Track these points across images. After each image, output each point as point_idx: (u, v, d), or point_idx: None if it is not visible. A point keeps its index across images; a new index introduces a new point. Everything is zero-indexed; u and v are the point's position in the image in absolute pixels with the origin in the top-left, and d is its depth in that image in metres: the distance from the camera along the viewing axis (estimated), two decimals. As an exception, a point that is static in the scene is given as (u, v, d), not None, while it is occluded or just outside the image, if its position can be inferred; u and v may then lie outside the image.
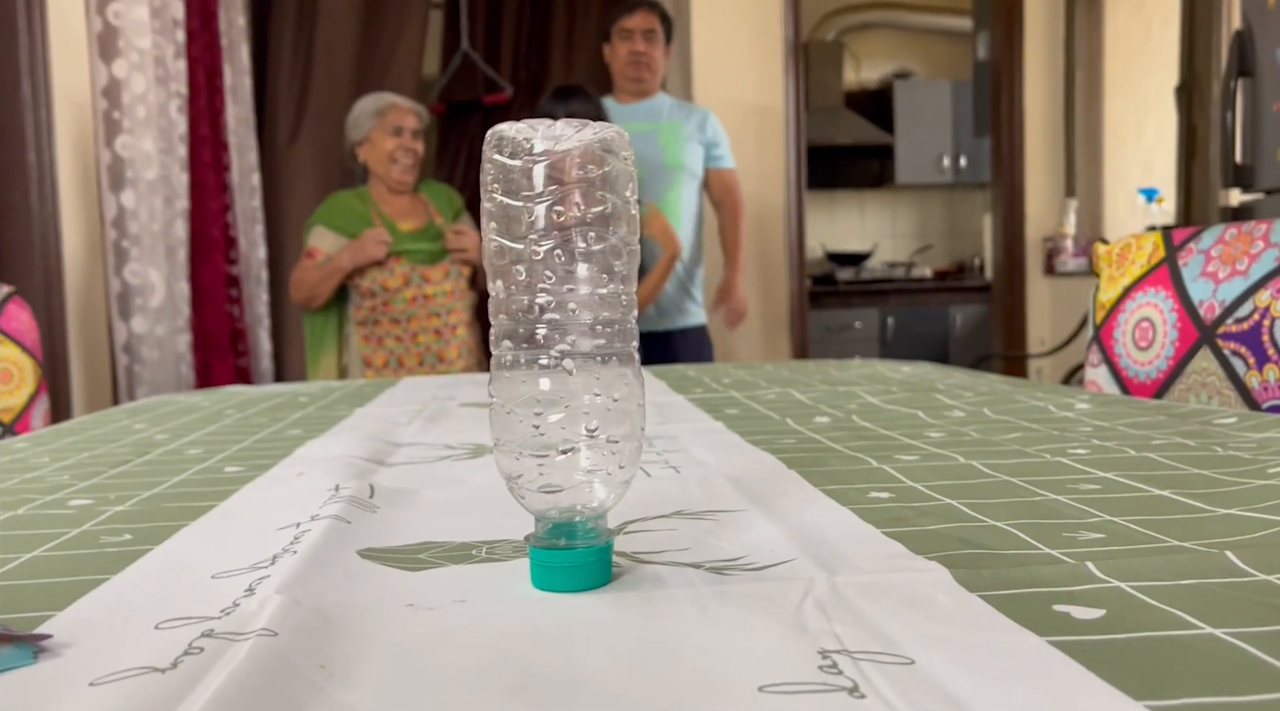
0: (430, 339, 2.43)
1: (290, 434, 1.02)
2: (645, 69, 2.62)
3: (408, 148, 2.47)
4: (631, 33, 2.60)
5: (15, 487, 0.76)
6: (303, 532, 0.59)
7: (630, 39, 2.60)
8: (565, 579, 0.48)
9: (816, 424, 0.98)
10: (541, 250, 0.47)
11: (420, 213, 2.51)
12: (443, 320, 2.45)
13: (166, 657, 0.39)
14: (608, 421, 0.48)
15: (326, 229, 2.42)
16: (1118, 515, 0.58)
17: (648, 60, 2.60)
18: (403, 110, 2.48)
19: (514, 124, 0.48)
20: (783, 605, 0.44)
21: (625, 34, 2.61)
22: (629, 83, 2.65)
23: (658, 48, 2.62)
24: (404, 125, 2.46)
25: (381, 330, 2.41)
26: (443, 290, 2.44)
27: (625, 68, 2.63)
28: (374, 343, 2.42)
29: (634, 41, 2.60)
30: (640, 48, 2.59)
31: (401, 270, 2.39)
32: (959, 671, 0.36)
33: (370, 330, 2.42)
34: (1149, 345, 1.30)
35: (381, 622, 0.44)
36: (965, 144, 5.07)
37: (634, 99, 2.67)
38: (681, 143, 2.63)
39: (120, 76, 2.50)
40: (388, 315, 2.40)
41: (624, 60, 2.63)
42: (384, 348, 2.42)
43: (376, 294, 2.39)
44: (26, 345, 1.58)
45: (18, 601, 0.48)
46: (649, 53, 2.60)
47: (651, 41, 2.61)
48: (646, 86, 2.66)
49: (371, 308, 2.40)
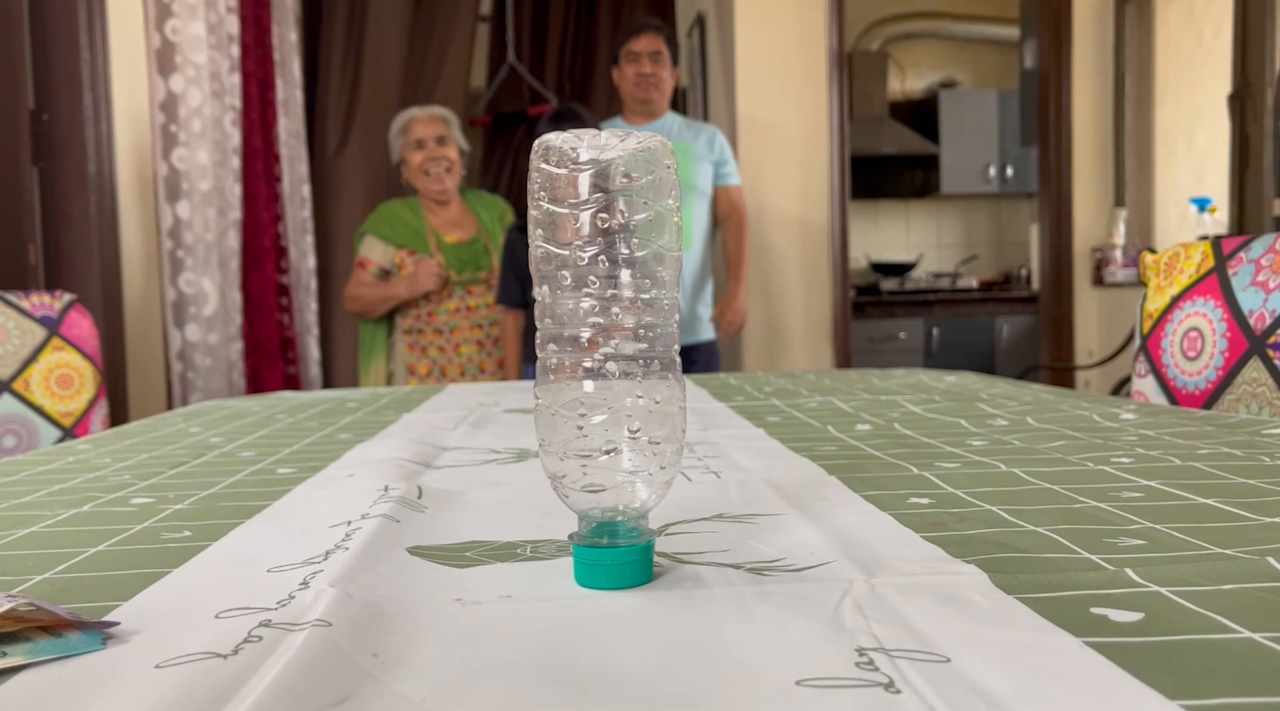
0: (472, 350, 2.47)
1: (340, 438, 1.05)
2: (653, 89, 2.70)
3: (435, 157, 2.49)
4: (638, 55, 2.68)
5: (80, 486, 0.79)
6: (354, 530, 0.61)
7: (637, 61, 2.68)
8: (608, 576, 0.49)
9: (858, 432, 0.99)
10: (586, 256, 0.49)
11: (468, 224, 2.54)
12: (485, 332, 2.48)
13: (227, 645, 0.41)
14: (650, 423, 0.49)
15: (377, 239, 2.47)
16: (1160, 522, 0.58)
17: (655, 81, 2.69)
18: (420, 121, 2.51)
19: (560, 133, 0.49)
20: (821, 604, 0.45)
21: (632, 57, 2.70)
22: (637, 104, 2.73)
23: (664, 68, 2.70)
24: (425, 136, 2.49)
25: (426, 339, 2.46)
26: (485, 302, 2.48)
27: (633, 89, 2.71)
28: (418, 351, 2.47)
29: (640, 64, 2.68)
30: (646, 69, 2.68)
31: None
32: (995, 669, 0.37)
33: (415, 339, 2.47)
34: (1198, 355, 1.29)
35: (430, 615, 0.45)
36: (1012, 153, 5.02)
37: (643, 119, 2.75)
38: (692, 162, 2.71)
39: (177, 91, 2.56)
40: (432, 325, 2.45)
41: (631, 82, 2.71)
42: (427, 356, 2.47)
43: (421, 304, 2.43)
44: (87, 351, 1.63)
45: (86, 592, 0.50)
46: (655, 73, 2.68)
47: (657, 63, 2.69)
48: (654, 107, 2.74)
49: (416, 317, 2.45)
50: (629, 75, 2.70)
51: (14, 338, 1.56)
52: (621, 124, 2.77)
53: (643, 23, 2.73)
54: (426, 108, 2.59)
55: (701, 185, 2.73)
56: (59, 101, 2.22)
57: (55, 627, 0.43)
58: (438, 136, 2.50)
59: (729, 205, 2.79)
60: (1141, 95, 3.84)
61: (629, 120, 2.77)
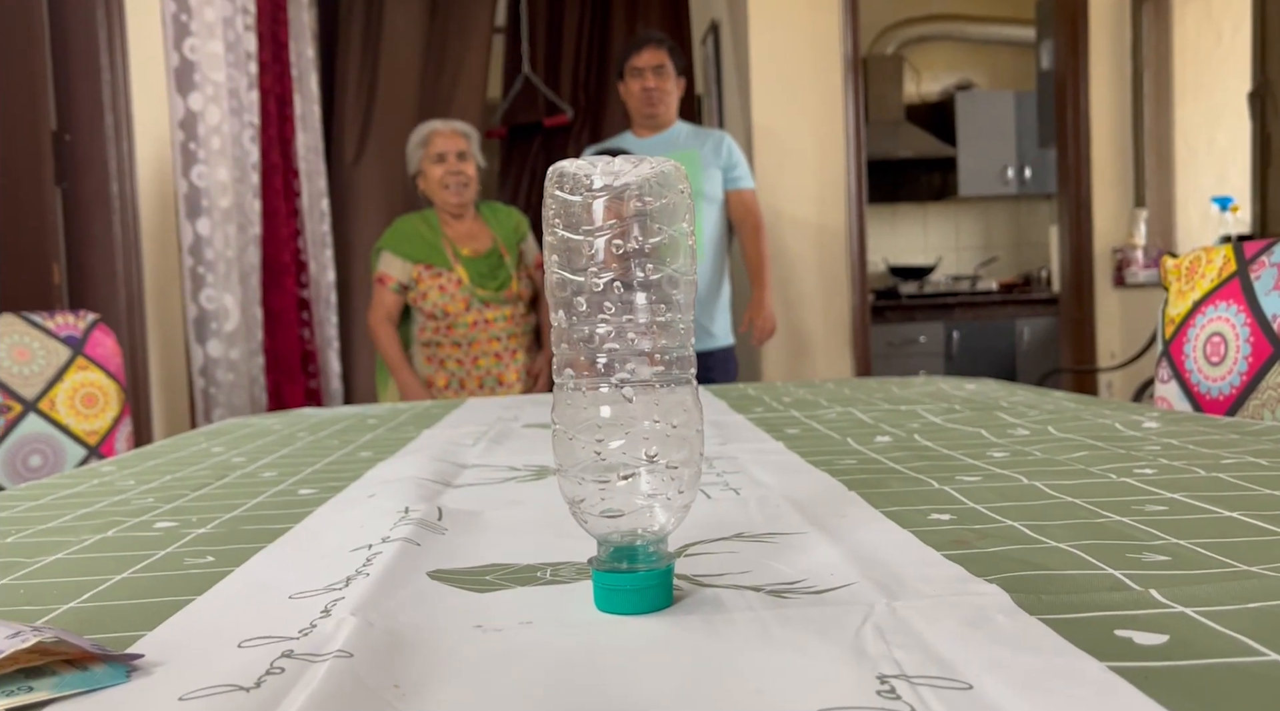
0: (490, 362, 2.48)
1: (360, 456, 1.05)
2: (658, 103, 2.75)
3: (454, 171, 2.50)
4: (641, 70, 2.73)
5: (104, 510, 0.80)
6: (374, 554, 0.61)
7: (641, 77, 2.73)
8: (627, 601, 0.49)
9: (878, 444, 0.98)
10: (601, 282, 0.49)
11: (483, 237, 2.55)
12: (503, 345, 2.49)
13: (250, 677, 0.41)
14: (667, 447, 0.49)
15: (394, 255, 2.48)
16: (1184, 538, 0.58)
17: (659, 95, 2.73)
18: (442, 135, 2.52)
19: (575, 161, 0.49)
20: (842, 628, 0.45)
21: (636, 72, 2.75)
22: (643, 118, 2.78)
23: (668, 80, 2.74)
24: (446, 150, 2.50)
25: (444, 352, 2.47)
26: (503, 315, 2.49)
27: (639, 104, 2.76)
28: (436, 364, 2.48)
29: (644, 78, 2.73)
30: (650, 83, 2.72)
31: (463, 295, 2.44)
32: (1018, 696, 0.36)
33: (433, 351, 2.48)
34: (1220, 360, 1.27)
35: (451, 643, 0.45)
36: (1029, 155, 4.99)
37: (650, 132, 2.80)
38: (699, 170, 2.74)
39: (196, 109, 2.59)
40: (450, 338, 2.46)
41: (637, 97, 2.76)
42: (445, 369, 2.48)
43: (439, 317, 2.44)
44: (111, 370, 1.65)
45: (111, 621, 0.51)
46: (660, 87, 2.73)
47: (661, 76, 2.73)
48: (661, 119, 2.79)
49: (435, 330, 2.46)
50: (634, 91, 2.75)
51: (39, 358, 1.58)
52: (630, 137, 2.82)
53: (644, 37, 2.77)
54: (448, 122, 2.60)
55: (710, 191, 2.76)
56: (80, 122, 2.25)
57: (80, 660, 0.43)
58: (458, 151, 2.52)
59: (743, 208, 2.81)
60: (1160, 94, 3.82)
61: (637, 133, 2.82)
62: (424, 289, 2.45)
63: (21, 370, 1.56)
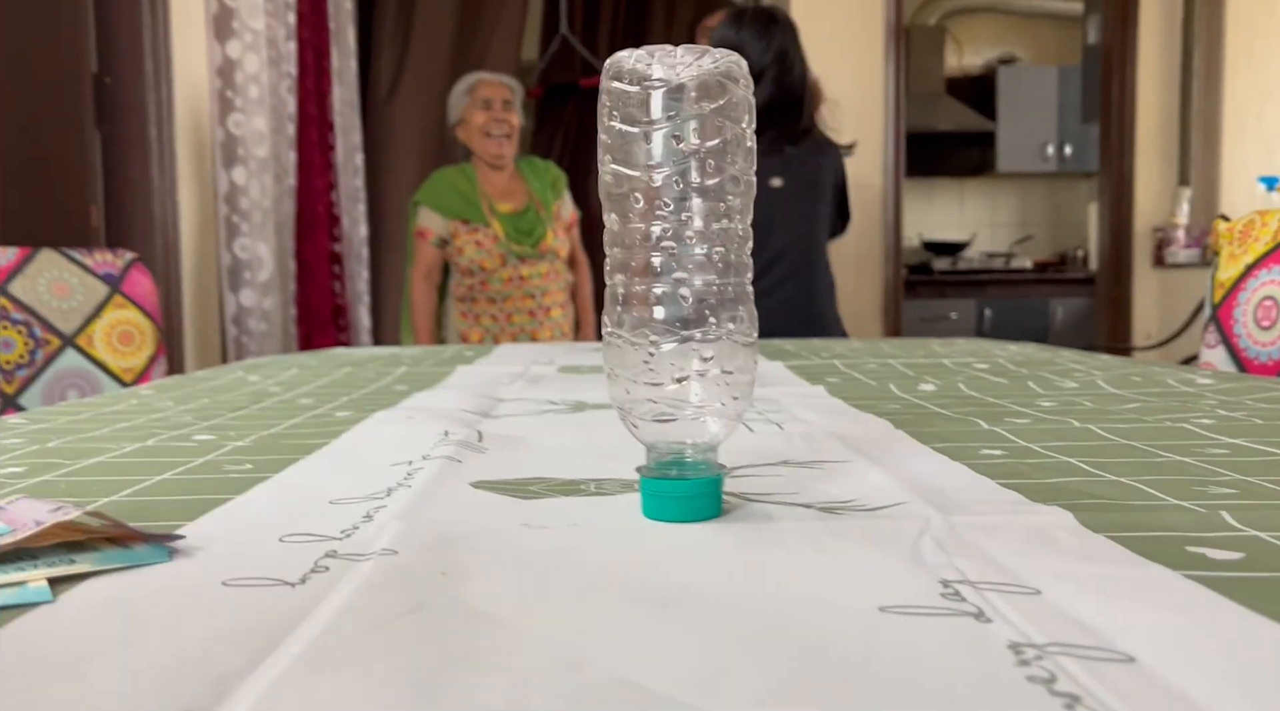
0: (524, 319, 2.47)
1: (397, 389, 1.04)
2: None
3: (499, 118, 2.48)
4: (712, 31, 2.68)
5: (143, 424, 0.80)
6: (415, 469, 0.60)
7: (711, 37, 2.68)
8: (677, 508, 0.47)
9: (922, 391, 0.96)
10: (658, 179, 0.47)
11: (520, 194, 2.53)
12: (537, 301, 2.48)
13: (295, 573, 0.40)
14: (721, 353, 0.48)
15: (431, 209, 2.46)
16: (1250, 475, 0.56)
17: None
18: (490, 83, 2.50)
19: (634, 51, 0.47)
20: (899, 540, 0.43)
21: (709, 33, 2.69)
22: None
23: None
24: (493, 97, 2.48)
25: (479, 308, 2.46)
26: (538, 271, 2.48)
27: None
28: (471, 319, 2.48)
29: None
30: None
31: (499, 251, 2.43)
32: (1091, 599, 0.35)
33: (468, 307, 2.47)
34: (1272, 325, 1.24)
35: (498, 538, 0.44)
36: (1071, 131, 4.90)
37: None
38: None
39: (234, 57, 2.58)
40: (485, 294, 2.45)
41: None
42: (480, 325, 2.47)
43: (474, 273, 2.43)
44: (147, 309, 1.65)
45: (151, 513, 0.50)
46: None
47: None
48: None
49: (470, 286, 2.45)
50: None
51: (78, 294, 1.59)
52: None
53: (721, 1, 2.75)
54: (495, 73, 2.59)
55: None
56: (121, 65, 2.25)
57: (122, 539, 0.42)
58: (504, 100, 2.50)
59: None
60: (1210, 69, 3.72)
61: None
62: (460, 244, 2.43)
63: (60, 305, 1.57)
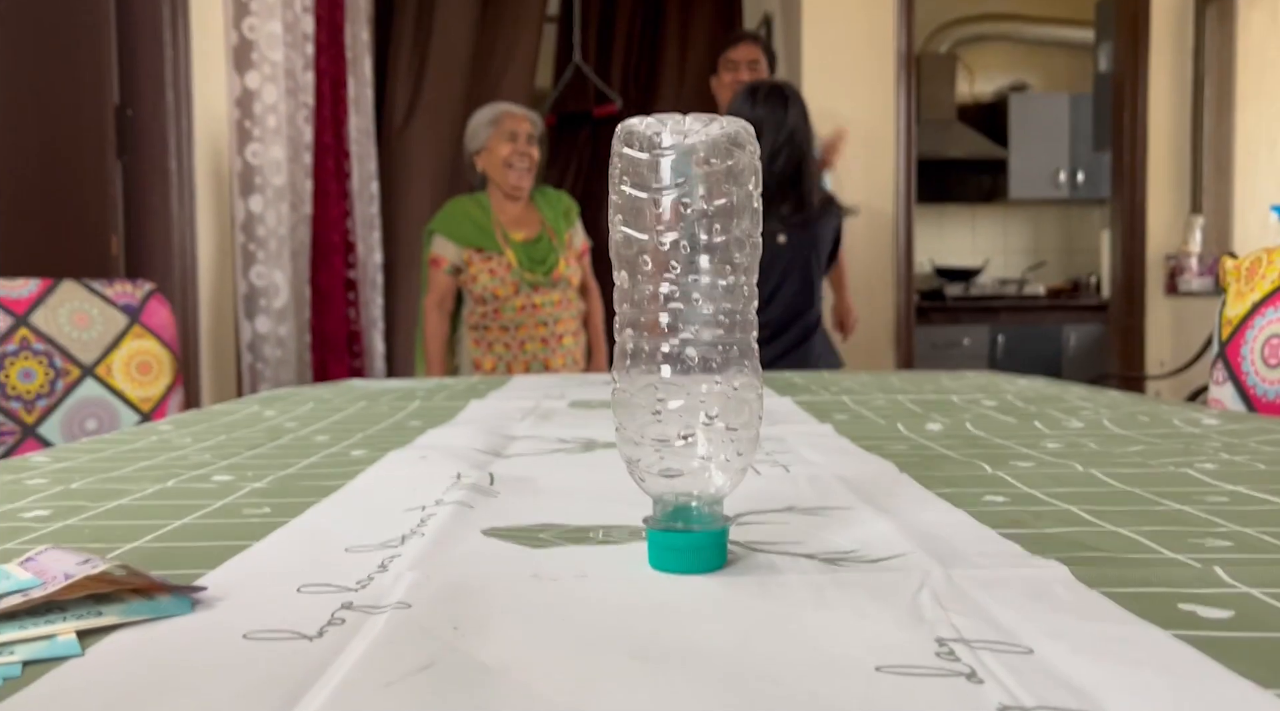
0: (537, 346, 2.49)
1: (410, 424, 1.06)
2: None
3: (522, 152, 2.51)
4: (736, 64, 2.75)
5: (163, 463, 0.82)
6: (429, 516, 0.61)
7: (735, 69, 2.75)
8: (682, 560, 0.49)
9: (929, 431, 0.98)
10: (667, 241, 0.49)
11: (533, 223, 2.55)
12: (549, 329, 2.50)
13: (312, 626, 0.41)
14: (727, 409, 0.49)
15: (446, 238, 2.49)
16: (1247, 526, 0.57)
17: None
18: (517, 117, 2.53)
19: (644, 118, 0.49)
20: (898, 594, 0.45)
21: (730, 65, 2.78)
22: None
23: (761, 76, 2.76)
24: (518, 130, 2.51)
25: (492, 336, 2.48)
26: (550, 300, 2.49)
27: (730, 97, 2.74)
28: (484, 347, 2.50)
29: (739, 72, 2.75)
30: (745, 77, 2.73)
31: (512, 279, 2.45)
32: (1080, 659, 0.36)
33: (481, 335, 2.49)
34: (1279, 363, 1.25)
35: (508, 590, 0.46)
36: (1083, 158, 4.91)
37: None
38: None
39: (253, 87, 2.63)
40: (498, 322, 2.47)
41: (729, 89, 2.77)
42: (493, 353, 2.49)
43: (488, 300, 2.45)
44: (165, 339, 1.68)
45: (172, 561, 0.52)
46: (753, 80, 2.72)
47: (755, 71, 2.75)
48: None
49: (483, 314, 2.47)
50: (727, 83, 2.76)
51: (98, 324, 1.61)
52: None
53: (741, 33, 2.82)
54: (520, 107, 2.61)
55: None
56: (143, 97, 2.29)
57: (147, 590, 0.44)
58: (529, 134, 2.53)
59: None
60: (1222, 98, 3.73)
61: None
62: (474, 272, 2.45)
63: (81, 335, 1.59)
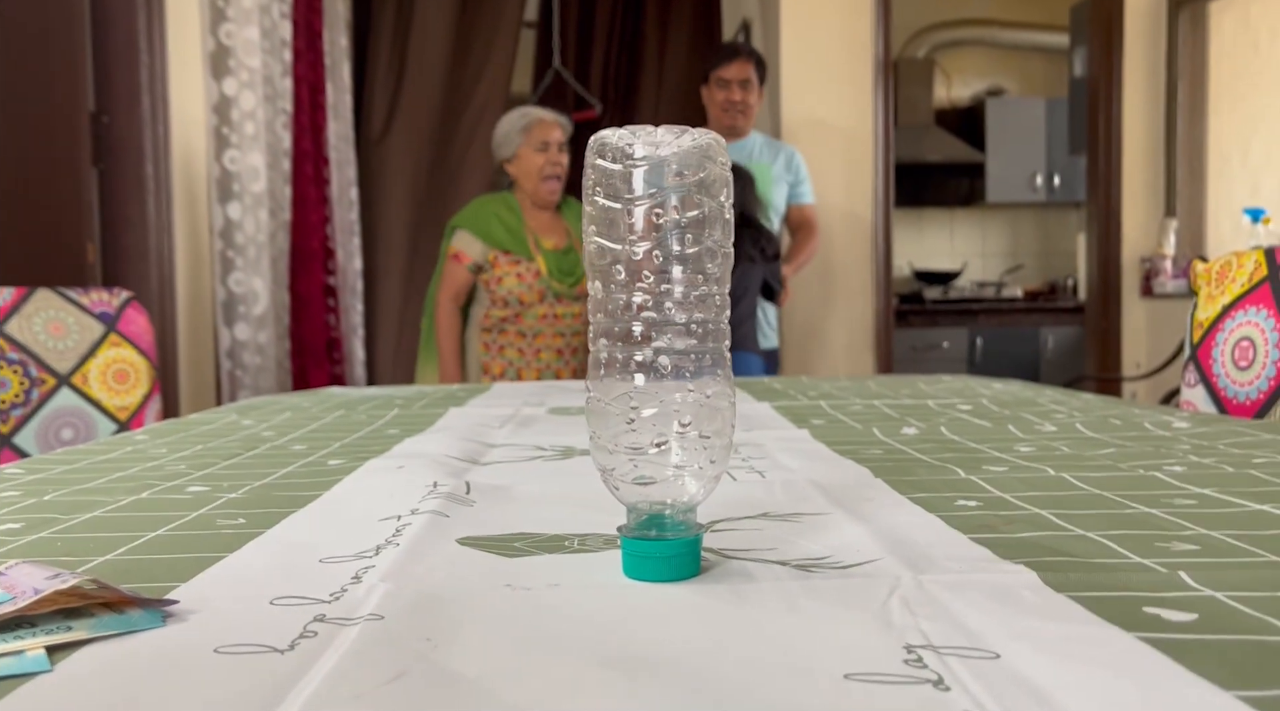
0: (552, 356, 2.44)
1: (389, 433, 1.06)
2: (740, 116, 2.78)
3: (555, 162, 2.45)
4: (728, 83, 2.75)
5: (138, 474, 0.81)
6: (404, 525, 0.61)
7: (727, 88, 2.75)
8: (655, 568, 0.49)
9: (904, 435, 0.98)
10: (640, 251, 0.49)
11: (561, 232, 2.50)
12: (566, 341, 2.45)
13: (284, 639, 0.41)
14: (700, 418, 0.50)
15: (474, 236, 2.42)
16: (1214, 529, 0.57)
17: (742, 108, 2.76)
18: (548, 124, 2.46)
19: (617, 130, 0.50)
20: (869, 600, 0.45)
21: (722, 83, 2.77)
22: (723, 128, 2.77)
23: (752, 94, 2.77)
24: (550, 139, 2.44)
25: (505, 340, 2.42)
26: (572, 312, 2.44)
27: (721, 114, 2.79)
28: (494, 351, 2.44)
29: (730, 91, 2.75)
30: (736, 97, 2.74)
31: (540, 286, 2.39)
32: (1045, 662, 0.37)
33: (494, 338, 2.43)
34: (1249, 365, 1.26)
35: (481, 600, 0.46)
36: (1059, 162, 4.96)
37: (727, 140, 2.77)
38: (770, 184, 2.78)
39: (230, 94, 2.61)
40: (516, 327, 2.41)
41: (720, 107, 2.78)
42: (503, 357, 2.43)
43: (510, 304, 2.40)
44: (142, 348, 1.67)
45: (146, 573, 0.52)
46: (744, 100, 2.76)
47: (746, 89, 2.75)
48: (739, 131, 2.81)
49: (502, 317, 2.41)
50: (718, 100, 2.77)
51: (74, 333, 1.60)
52: None
53: (735, 46, 2.82)
54: (548, 110, 2.53)
55: (777, 203, 2.82)
56: (118, 104, 2.28)
57: (117, 604, 0.44)
58: (560, 142, 2.46)
59: (801, 219, 2.88)
60: (1194, 103, 3.78)
61: None
62: (499, 274, 2.39)
63: (56, 344, 1.58)
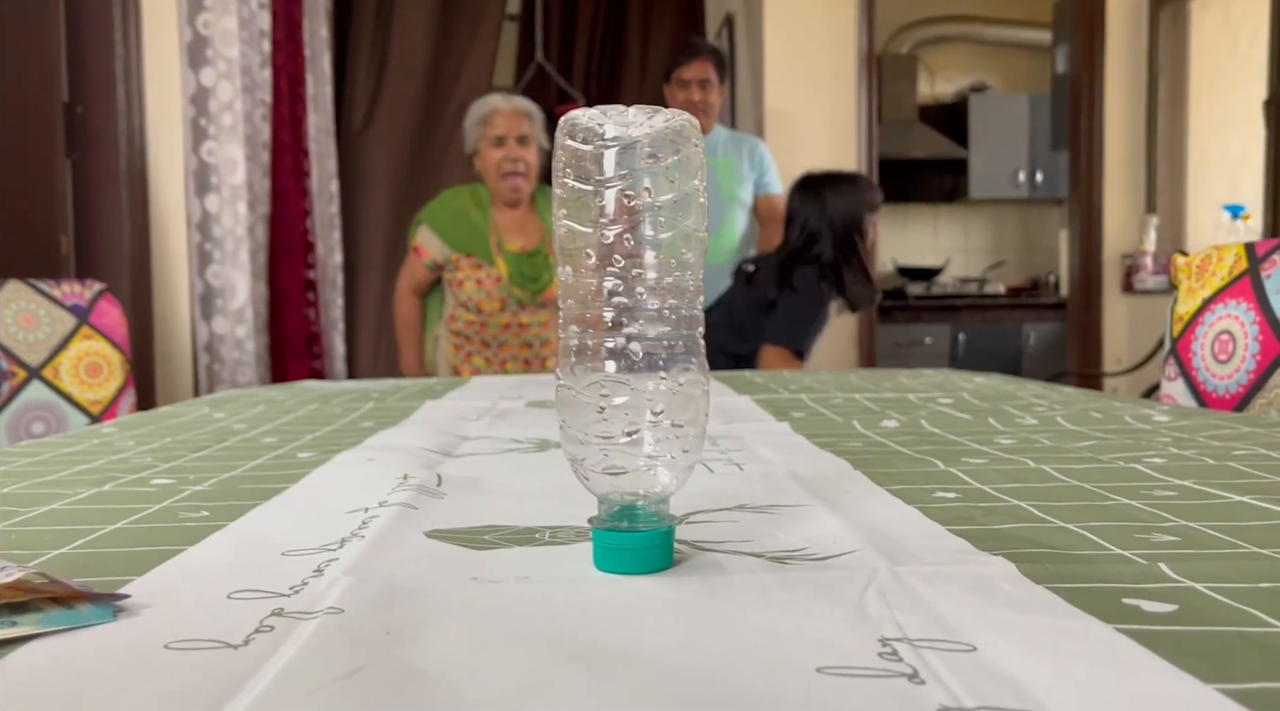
0: (519, 367, 2.32)
1: (363, 425, 1.04)
2: (701, 115, 2.76)
3: (514, 157, 2.27)
4: (688, 83, 2.74)
5: (102, 467, 0.80)
6: (371, 518, 0.60)
7: (687, 88, 2.75)
8: (627, 561, 0.48)
9: (884, 428, 0.97)
10: (610, 235, 0.48)
11: (533, 231, 2.35)
12: (534, 351, 2.34)
13: (238, 634, 0.40)
14: (673, 406, 0.48)
15: (434, 234, 2.32)
16: (1193, 520, 0.57)
17: (703, 107, 2.75)
18: (503, 114, 2.29)
19: (587, 110, 0.48)
20: (844, 592, 0.44)
21: (682, 83, 2.76)
22: None
23: (712, 93, 2.76)
24: (506, 133, 2.28)
25: (472, 347, 2.34)
26: (538, 320, 2.32)
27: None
28: (463, 355, 2.36)
29: (690, 91, 2.74)
30: (696, 97, 2.74)
31: (500, 293, 2.28)
32: (1022, 655, 0.36)
33: (462, 342, 2.36)
34: (1229, 358, 1.26)
35: (446, 593, 0.45)
36: (1042, 159, 4.97)
37: None
38: (735, 179, 2.79)
39: (208, 85, 2.58)
40: (480, 336, 2.32)
41: (680, 106, 2.73)
42: (471, 364, 2.35)
43: (471, 310, 2.31)
44: (116, 340, 1.64)
45: (101, 567, 0.50)
46: (704, 99, 2.75)
47: (706, 89, 2.75)
48: (702, 129, 2.75)
49: (467, 323, 2.32)
50: (679, 99, 2.76)
51: (44, 325, 1.58)
52: None
53: (693, 48, 2.79)
54: (510, 98, 2.37)
55: (743, 197, 2.81)
56: (93, 95, 2.24)
57: (66, 599, 0.42)
58: (519, 135, 2.28)
59: (769, 210, 2.85)
60: (1175, 100, 3.79)
61: None
62: (461, 277, 2.30)
63: (26, 336, 1.56)
